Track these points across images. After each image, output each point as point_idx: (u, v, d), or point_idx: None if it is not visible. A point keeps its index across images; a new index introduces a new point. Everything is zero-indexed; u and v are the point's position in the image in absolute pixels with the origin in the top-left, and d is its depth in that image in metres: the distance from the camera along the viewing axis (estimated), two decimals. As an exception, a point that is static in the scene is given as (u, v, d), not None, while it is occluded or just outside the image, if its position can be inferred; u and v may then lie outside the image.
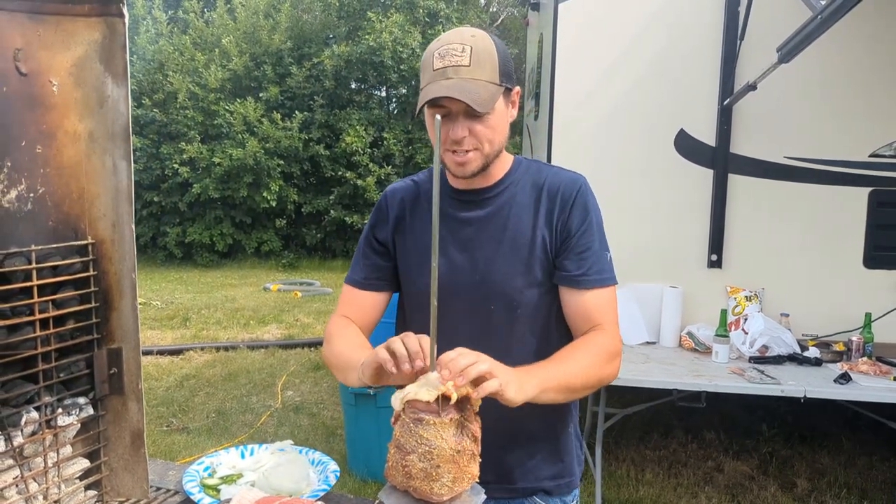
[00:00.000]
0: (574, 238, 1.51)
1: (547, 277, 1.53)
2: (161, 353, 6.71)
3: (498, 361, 1.24)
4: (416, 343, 1.22)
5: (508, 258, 1.52)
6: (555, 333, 1.57)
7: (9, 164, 1.30)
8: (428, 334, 1.30)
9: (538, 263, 1.52)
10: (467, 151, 1.44)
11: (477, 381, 1.19)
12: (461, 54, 1.38)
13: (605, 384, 1.53)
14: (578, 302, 1.51)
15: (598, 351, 1.44)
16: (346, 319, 1.63)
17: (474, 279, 1.53)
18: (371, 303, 1.65)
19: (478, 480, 1.25)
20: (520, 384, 1.24)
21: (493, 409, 1.40)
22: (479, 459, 1.25)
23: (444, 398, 1.18)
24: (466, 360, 1.19)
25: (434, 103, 1.38)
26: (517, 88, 1.50)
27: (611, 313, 1.52)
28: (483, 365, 1.19)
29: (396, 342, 1.24)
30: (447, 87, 1.36)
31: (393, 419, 1.24)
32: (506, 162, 1.58)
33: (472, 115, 1.39)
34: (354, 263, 1.69)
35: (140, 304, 8.13)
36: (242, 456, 1.67)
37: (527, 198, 1.55)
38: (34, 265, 1.30)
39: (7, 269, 1.27)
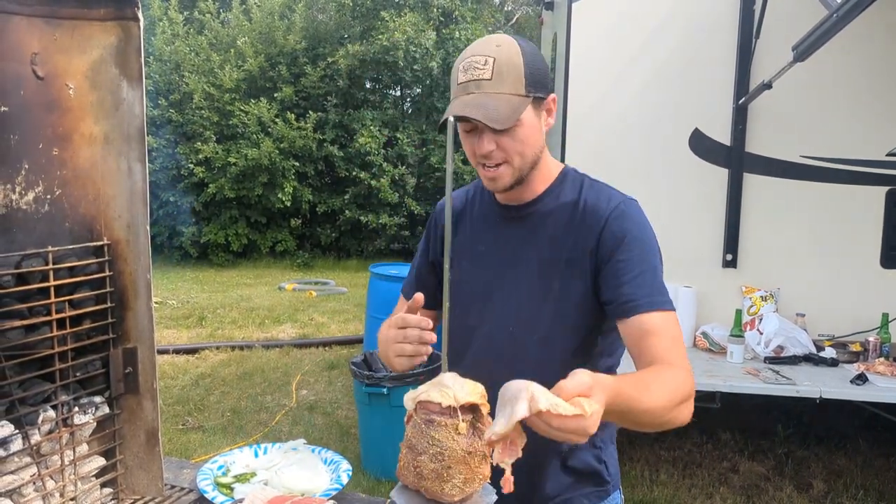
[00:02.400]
0: (609, 265, 1.38)
1: (574, 310, 1.42)
2: (177, 351, 6.76)
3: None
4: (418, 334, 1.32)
5: (534, 283, 1.44)
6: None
7: (26, 166, 1.32)
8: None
9: (564, 292, 1.41)
10: (497, 165, 1.37)
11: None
12: (483, 67, 1.33)
13: (672, 427, 1.27)
14: (629, 332, 1.34)
15: (674, 387, 1.23)
16: None
17: (503, 299, 1.47)
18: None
19: (489, 481, 1.26)
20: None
21: None
22: (490, 460, 1.25)
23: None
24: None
25: (459, 118, 1.34)
26: (552, 95, 1.42)
27: (674, 344, 1.32)
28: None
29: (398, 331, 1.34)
30: (466, 103, 1.32)
31: (406, 419, 1.25)
32: (549, 174, 1.48)
33: (501, 129, 1.33)
34: (410, 273, 1.68)
35: (156, 303, 8.13)
36: (256, 455, 1.68)
37: (563, 218, 1.44)
38: (51, 266, 1.32)
39: (25, 270, 1.29)
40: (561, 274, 1.42)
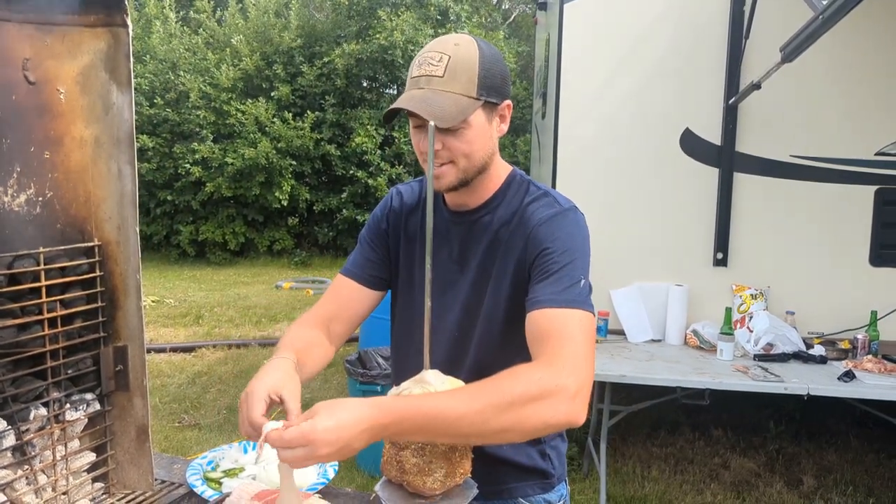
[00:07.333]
0: (532, 271, 1.36)
1: (505, 320, 1.42)
2: (174, 350, 6.79)
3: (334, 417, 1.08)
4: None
5: (471, 292, 1.45)
6: None
7: (18, 169, 1.35)
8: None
9: (496, 301, 1.42)
10: (441, 164, 1.36)
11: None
12: (437, 64, 1.31)
13: (532, 430, 1.16)
14: (527, 327, 1.29)
15: (506, 388, 1.13)
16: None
17: (446, 305, 1.48)
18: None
19: (470, 475, 1.29)
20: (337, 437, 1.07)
21: None
22: (471, 456, 1.28)
23: None
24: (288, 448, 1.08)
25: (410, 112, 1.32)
26: (506, 102, 1.40)
27: (560, 339, 1.22)
28: (298, 451, 1.07)
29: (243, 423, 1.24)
30: (413, 97, 1.31)
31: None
32: (497, 179, 1.47)
33: (445, 127, 1.31)
34: (363, 263, 1.59)
35: (153, 301, 8.08)
36: (245, 451, 1.72)
37: (503, 227, 1.44)
38: (42, 266, 1.35)
39: (17, 271, 1.32)
40: (493, 284, 1.43)
